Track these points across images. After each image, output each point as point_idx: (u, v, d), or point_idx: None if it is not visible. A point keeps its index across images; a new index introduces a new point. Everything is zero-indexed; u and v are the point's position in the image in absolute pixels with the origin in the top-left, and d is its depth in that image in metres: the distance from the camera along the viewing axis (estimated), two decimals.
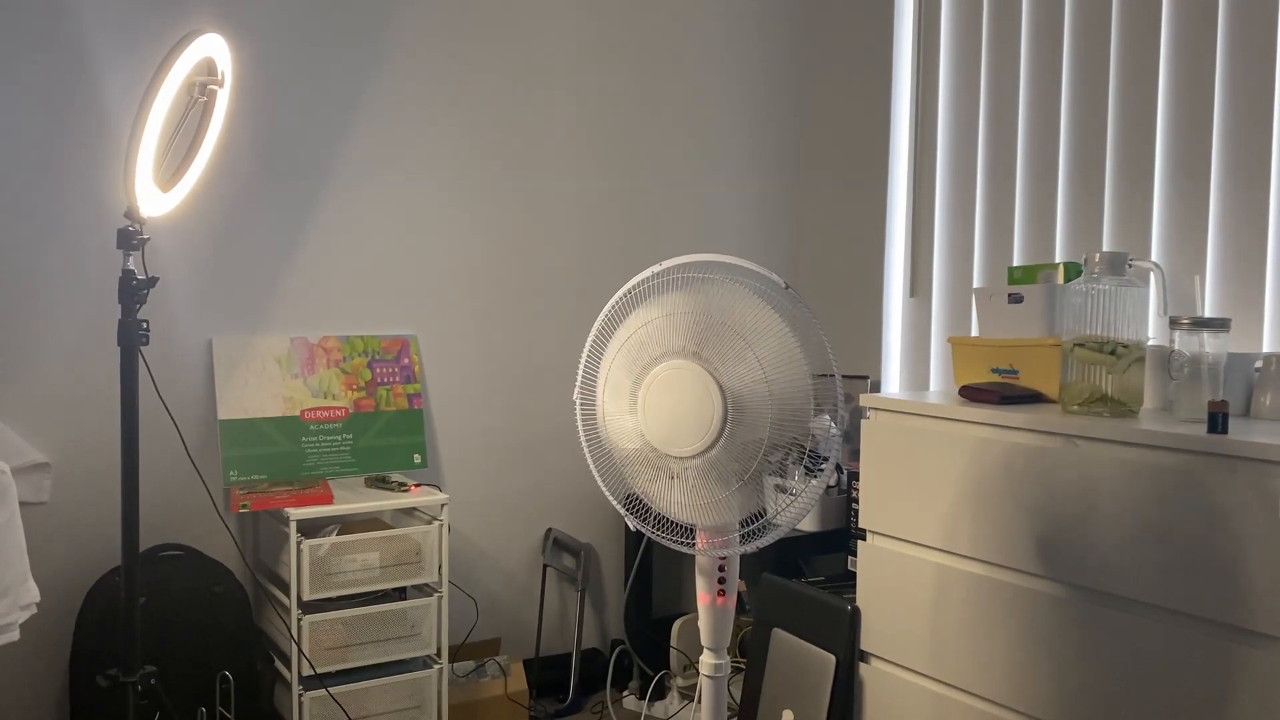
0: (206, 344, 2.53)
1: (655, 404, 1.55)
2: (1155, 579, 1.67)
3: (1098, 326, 1.85)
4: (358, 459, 2.62)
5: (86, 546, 2.40)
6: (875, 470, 2.17)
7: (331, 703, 2.34)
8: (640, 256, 3.14)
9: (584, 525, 3.11)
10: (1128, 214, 2.45)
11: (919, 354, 3.02)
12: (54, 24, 2.33)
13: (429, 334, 2.83)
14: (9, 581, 1.80)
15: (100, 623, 2.28)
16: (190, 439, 2.50)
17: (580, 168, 3.04)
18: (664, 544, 1.68)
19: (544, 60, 2.96)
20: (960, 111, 2.88)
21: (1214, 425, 1.65)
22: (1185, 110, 2.34)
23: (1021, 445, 1.87)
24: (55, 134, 2.34)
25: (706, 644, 1.73)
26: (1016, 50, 2.71)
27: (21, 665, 2.34)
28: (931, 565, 2.04)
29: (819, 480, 1.56)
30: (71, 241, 2.37)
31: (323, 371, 2.63)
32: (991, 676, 1.92)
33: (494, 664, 2.76)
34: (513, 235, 2.95)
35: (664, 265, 1.62)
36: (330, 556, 2.34)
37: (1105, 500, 1.74)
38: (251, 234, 2.58)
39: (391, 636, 2.43)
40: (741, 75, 3.31)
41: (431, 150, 2.81)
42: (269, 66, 2.58)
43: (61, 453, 2.38)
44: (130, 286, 1.83)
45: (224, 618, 2.38)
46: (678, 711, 2.80)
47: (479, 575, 2.94)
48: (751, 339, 1.51)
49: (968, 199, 2.86)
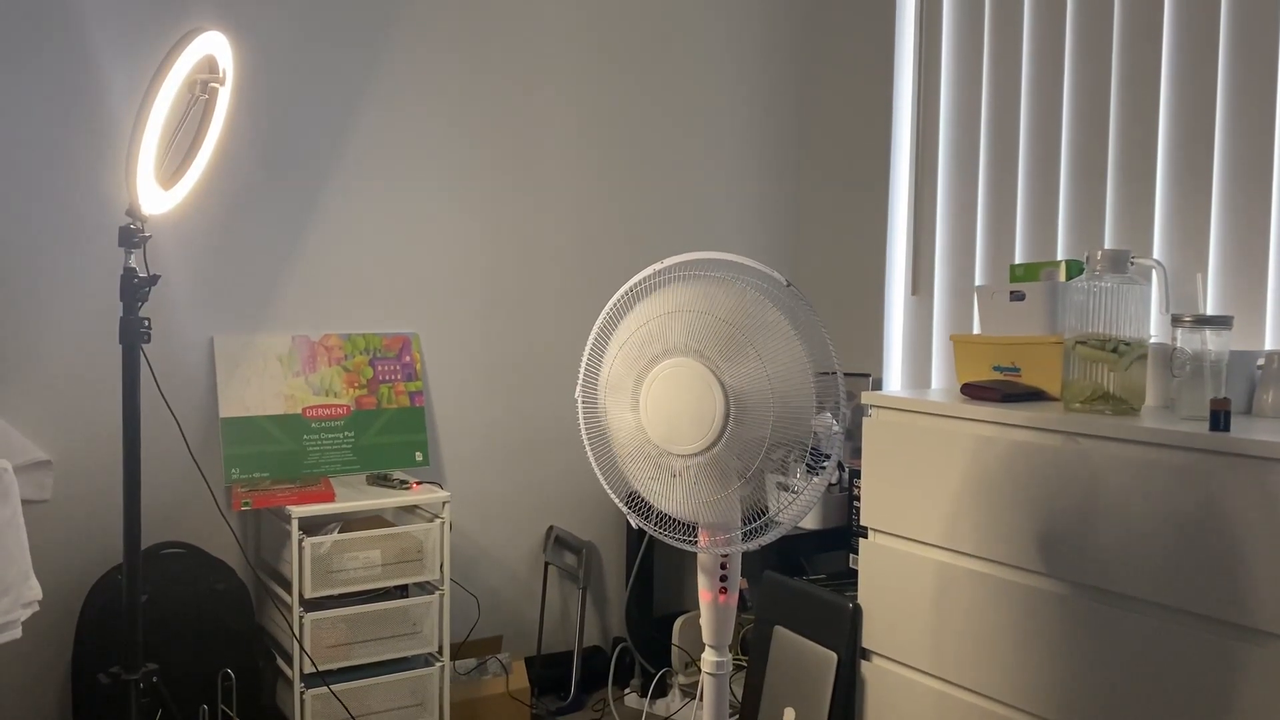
0: (208, 342, 2.53)
1: (657, 402, 1.55)
2: (1157, 577, 1.67)
3: (1100, 324, 1.85)
4: (359, 457, 2.62)
5: (88, 544, 2.41)
6: (877, 468, 2.17)
7: (333, 700, 2.34)
8: (642, 255, 3.14)
9: (585, 523, 3.11)
10: (1130, 211, 2.45)
11: (921, 352, 3.02)
12: (56, 23, 2.32)
13: (430, 332, 2.83)
14: (11, 579, 1.80)
15: (102, 620, 2.28)
16: (192, 437, 2.50)
17: (582, 166, 3.04)
18: (666, 542, 1.68)
19: (545, 60, 2.96)
20: (962, 108, 2.88)
21: (1216, 423, 1.65)
22: (1187, 107, 2.34)
23: (1023, 443, 1.87)
24: (57, 132, 2.34)
25: (708, 642, 1.73)
26: (1018, 46, 2.71)
27: (24, 663, 2.34)
28: (933, 563, 2.04)
29: (821, 478, 1.56)
30: (73, 239, 2.37)
31: (324, 369, 2.63)
32: (993, 674, 1.92)
33: (495, 662, 2.76)
34: (514, 233, 2.94)
35: (666, 263, 1.62)
36: (332, 554, 2.34)
37: (1107, 498, 1.74)
38: (253, 232, 2.58)
39: (393, 634, 2.43)
40: (742, 72, 3.30)
41: (433, 148, 2.81)
42: (270, 64, 2.58)
43: (63, 450, 2.38)
44: (132, 284, 1.83)
45: (226, 615, 2.38)
46: (679, 709, 2.80)
47: (481, 573, 2.94)
48: (753, 337, 1.51)
49: (969, 196, 2.86)
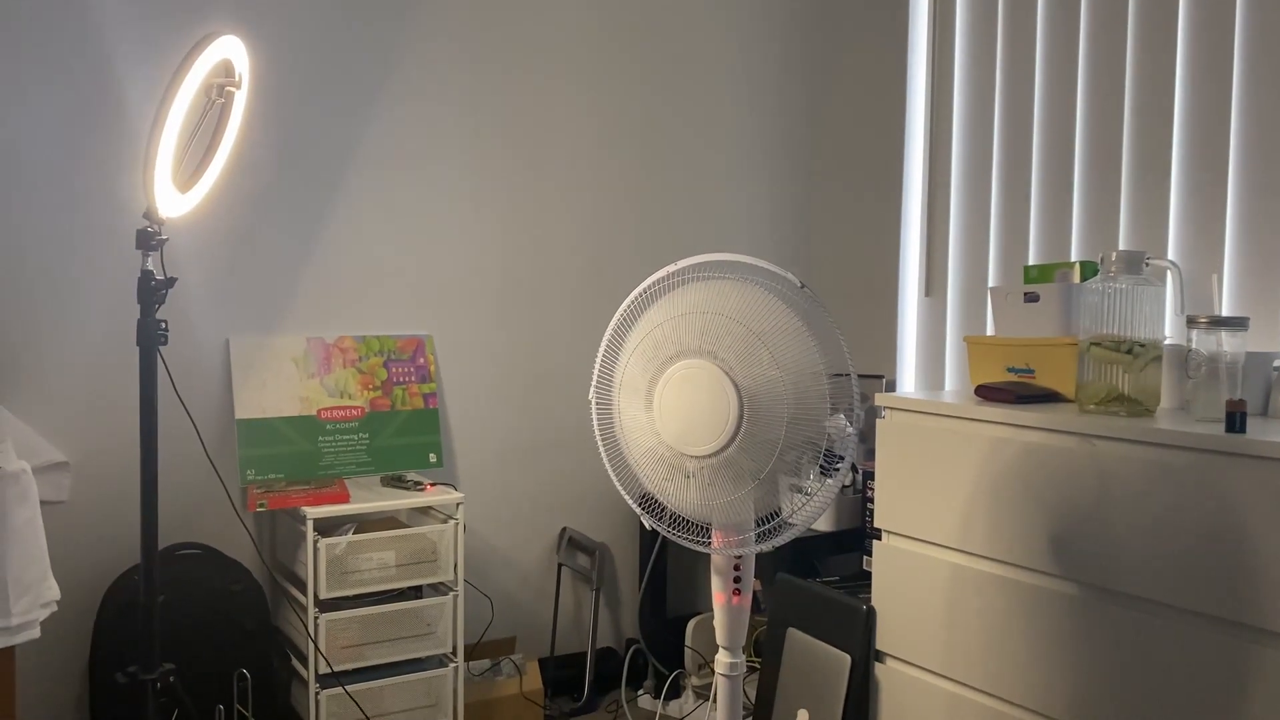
0: (224, 344, 2.55)
1: (671, 403, 1.55)
2: (1171, 579, 1.66)
3: (1114, 325, 1.84)
4: (374, 458, 2.63)
5: (106, 545, 2.42)
6: (891, 470, 2.17)
7: (348, 701, 2.35)
8: (655, 257, 3.15)
9: (599, 525, 3.11)
10: (1144, 212, 2.44)
11: (934, 353, 3.01)
12: (74, 28, 2.34)
13: (444, 334, 2.84)
14: (30, 579, 1.82)
15: (119, 620, 2.29)
16: (208, 438, 2.52)
17: (595, 169, 3.05)
18: (679, 543, 1.68)
19: (560, 64, 2.97)
20: (975, 109, 2.87)
21: (1232, 425, 1.64)
22: (1202, 106, 2.33)
23: (1037, 445, 1.87)
24: (76, 135, 2.36)
25: (722, 643, 1.74)
26: (1032, 46, 2.70)
27: (42, 662, 2.36)
28: (947, 565, 2.04)
29: (834, 480, 1.56)
30: (91, 242, 2.39)
31: (339, 371, 2.64)
32: (1006, 676, 1.92)
33: (509, 663, 2.77)
34: (528, 236, 2.95)
35: (679, 265, 1.62)
36: (347, 555, 2.35)
37: (1121, 500, 1.73)
38: (268, 235, 2.60)
39: (407, 635, 2.44)
40: (755, 74, 3.30)
41: (447, 152, 2.82)
42: (286, 68, 2.59)
43: (81, 452, 2.40)
44: (149, 287, 1.84)
45: (241, 616, 2.39)
46: (692, 711, 2.80)
47: (494, 574, 2.95)
48: (767, 338, 1.51)
49: (983, 197, 2.85)
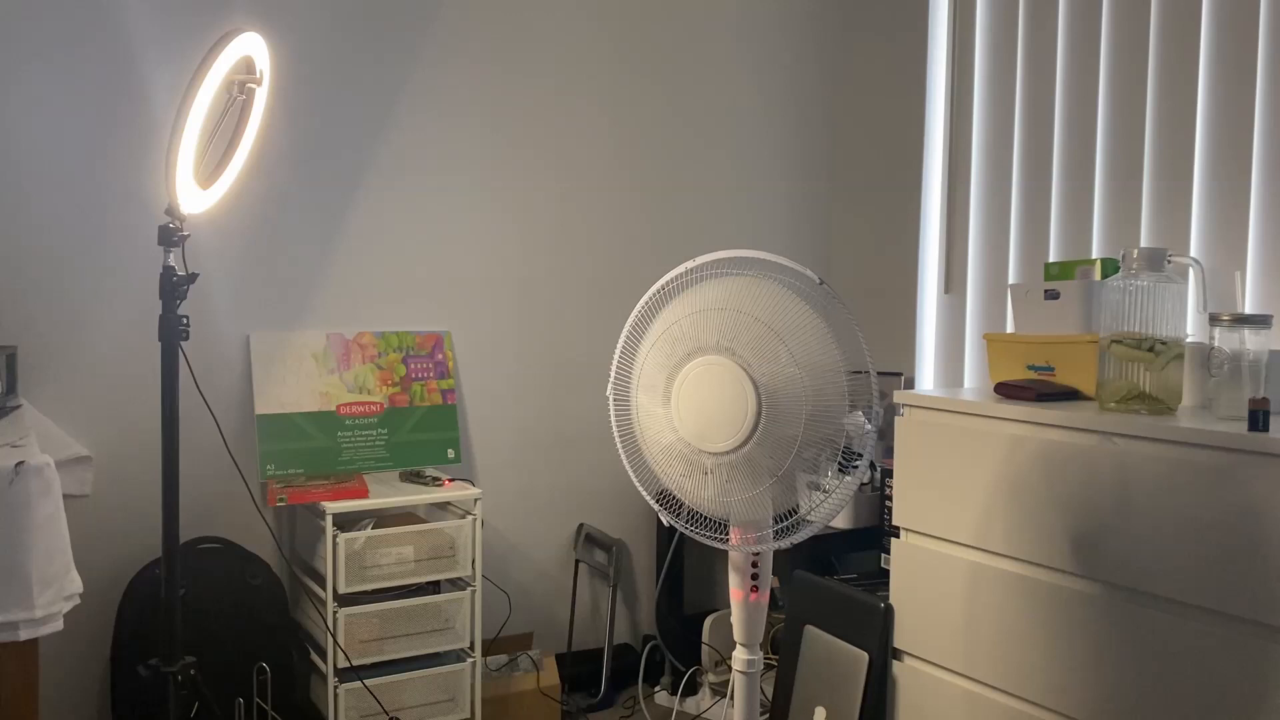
0: (245, 339, 2.56)
1: (689, 400, 1.55)
2: (1192, 578, 1.65)
3: (1136, 323, 1.83)
4: (392, 454, 2.64)
5: (127, 539, 2.44)
6: (909, 467, 2.16)
7: (366, 695, 2.37)
8: (673, 254, 3.15)
9: (616, 521, 3.12)
10: (1166, 209, 2.42)
11: (954, 350, 3.00)
12: (96, 25, 2.36)
13: (463, 330, 2.85)
14: (54, 573, 1.83)
15: (141, 613, 2.31)
16: (229, 433, 2.53)
17: (614, 166, 3.05)
18: (697, 539, 1.69)
19: (578, 60, 2.97)
20: (996, 105, 2.85)
21: (1254, 423, 1.62)
22: (1225, 103, 2.31)
23: (1057, 443, 1.86)
24: (98, 132, 2.38)
25: (739, 640, 1.74)
26: (1053, 43, 2.68)
27: (65, 654, 2.38)
28: (965, 563, 2.03)
29: (853, 477, 1.56)
30: (114, 238, 2.41)
31: (358, 367, 2.65)
32: (1025, 675, 1.91)
33: (526, 658, 2.78)
34: (546, 233, 2.96)
35: (697, 261, 1.62)
36: (365, 550, 2.36)
37: (1142, 498, 1.72)
38: (288, 231, 2.61)
39: (426, 630, 2.45)
40: (775, 72, 3.30)
41: (467, 148, 2.82)
42: (307, 65, 2.60)
43: (103, 446, 2.42)
44: (171, 282, 1.85)
45: (261, 610, 2.41)
46: (709, 707, 2.80)
47: (512, 570, 2.95)
48: (786, 335, 1.51)
49: (1003, 194, 2.83)
